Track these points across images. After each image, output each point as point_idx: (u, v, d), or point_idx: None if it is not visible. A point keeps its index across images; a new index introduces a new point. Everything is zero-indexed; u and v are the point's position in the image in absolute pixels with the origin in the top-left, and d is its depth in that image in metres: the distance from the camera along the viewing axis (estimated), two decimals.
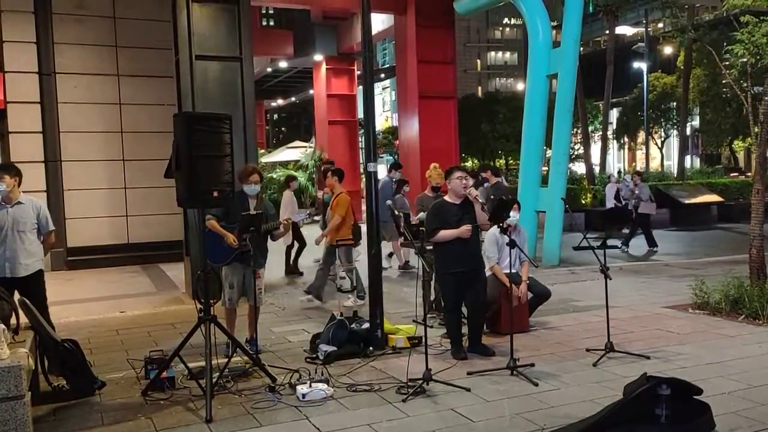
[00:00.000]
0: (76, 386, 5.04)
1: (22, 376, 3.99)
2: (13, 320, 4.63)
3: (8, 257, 5.65)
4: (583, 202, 18.95)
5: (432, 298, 7.47)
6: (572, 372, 5.44)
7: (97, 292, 9.86)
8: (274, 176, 22.95)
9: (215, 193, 5.08)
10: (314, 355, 5.98)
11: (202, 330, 5.03)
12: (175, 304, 8.44)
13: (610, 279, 5.98)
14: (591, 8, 30.08)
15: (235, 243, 5.79)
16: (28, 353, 4.36)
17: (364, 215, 6.45)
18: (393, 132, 42.64)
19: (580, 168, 28.61)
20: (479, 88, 66.05)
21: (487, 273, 6.52)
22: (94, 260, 11.95)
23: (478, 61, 76.64)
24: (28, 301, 5.00)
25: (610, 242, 6.16)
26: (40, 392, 4.92)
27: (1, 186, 5.61)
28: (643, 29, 30.72)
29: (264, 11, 26.22)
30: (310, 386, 4.97)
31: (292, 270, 11.02)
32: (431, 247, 6.12)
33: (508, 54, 77.61)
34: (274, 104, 46.15)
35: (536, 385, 5.09)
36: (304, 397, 4.87)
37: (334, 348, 5.93)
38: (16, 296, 5.19)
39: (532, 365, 5.50)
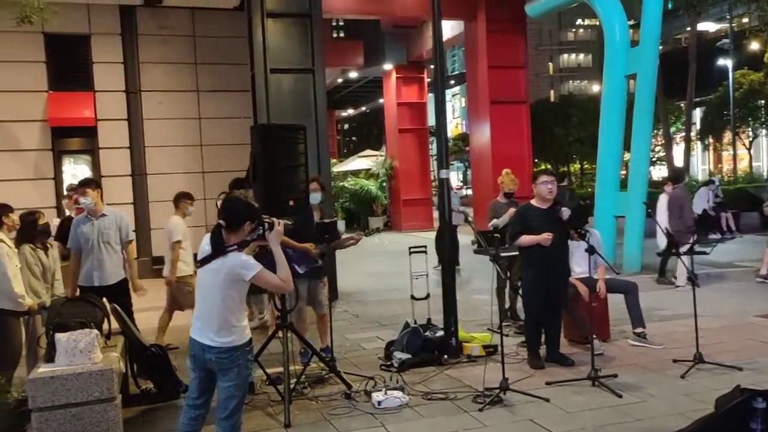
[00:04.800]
0: (163, 389, 5.25)
1: (113, 379, 4.19)
2: (105, 326, 4.87)
3: (96, 267, 5.94)
4: None
5: (507, 306, 7.36)
6: (658, 384, 5.24)
7: None
8: (346, 185, 23.22)
9: (291, 203, 5.19)
10: (389, 363, 6.00)
11: (280, 337, 5.14)
12: None
13: (698, 286, 5.72)
14: (670, 5, 28.97)
15: (314, 250, 5.73)
16: (119, 357, 4.58)
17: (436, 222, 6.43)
18: (463, 139, 42.39)
19: (659, 172, 27.59)
20: (552, 92, 64.81)
21: None
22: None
23: (550, 64, 75.21)
24: (119, 308, 5.25)
25: (697, 248, 5.90)
26: (130, 395, 5.15)
27: (86, 200, 5.92)
28: (728, 25, 29.36)
29: (334, 23, 26.62)
30: (386, 393, 4.99)
31: None
32: (507, 254, 6.03)
33: (581, 56, 75.80)
34: (344, 114, 46.80)
35: (620, 396, 4.92)
36: (379, 405, 4.89)
37: (409, 356, 5.93)
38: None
39: (615, 376, 5.33)
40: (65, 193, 8.10)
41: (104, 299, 5.48)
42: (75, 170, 12.55)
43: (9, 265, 5.08)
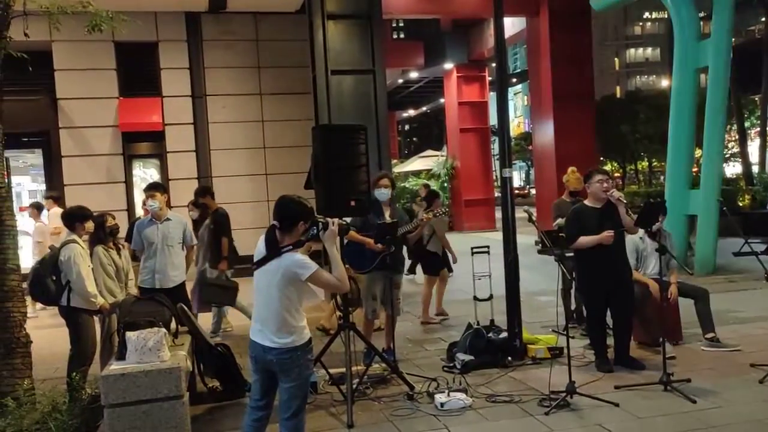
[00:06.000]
0: (229, 388, 5.34)
1: (181, 377, 4.28)
2: (172, 325, 4.99)
3: (158, 270, 6.11)
4: (741, 204, 17.42)
5: (573, 307, 7.18)
6: (735, 389, 4.99)
7: (245, 299, 10.39)
8: (407, 186, 23.20)
9: (352, 203, 5.20)
10: (451, 364, 5.94)
11: (342, 337, 5.15)
12: (315, 312, 8.71)
13: None
14: None
15: (380, 247, 5.71)
16: (186, 356, 4.68)
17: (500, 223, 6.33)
18: (525, 138, 41.73)
19: (733, 168, 26.43)
20: (618, 88, 63.05)
21: None
22: (242, 269, 12.65)
23: (616, 59, 73.18)
24: (186, 308, 5.39)
25: None
26: (197, 393, 5.27)
27: (154, 203, 6.11)
28: None
29: (394, 24, 26.68)
30: (449, 395, 4.93)
31: None
32: (571, 254, 5.88)
33: (649, 50, 73.45)
34: (405, 115, 46.83)
35: (694, 402, 4.71)
36: (442, 406, 4.84)
37: (472, 357, 5.86)
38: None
39: (689, 380, 5.10)
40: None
41: None
42: (144, 174, 13.00)
43: (82, 266, 5.28)
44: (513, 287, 6.15)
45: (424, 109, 43.81)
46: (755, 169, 22.78)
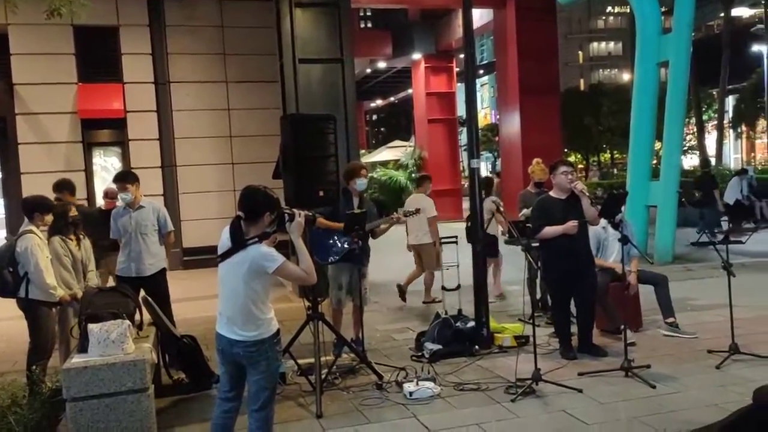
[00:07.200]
0: (195, 380, 5.28)
1: (146, 370, 4.22)
2: (137, 317, 4.91)
3: (133, 258, 6.00)
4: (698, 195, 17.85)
5: (538, 296, 7.29)
6: (693, 374, 5.14)
7: (211, 290, 10.22)
8: (375, 176, 23.20)
9: (321, 193, 5.18)
10: (420, 354, 5.98)
11: (311, 327, 5.14)
12: (282, 303, 8.67)
13: (734, 276, 5.58)
14: None
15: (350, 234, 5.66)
16: (151, 348, 4.61)
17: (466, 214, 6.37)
18: (492, 129, 42.05)
19: (690, 161, 27.08)
20: (581, 81, 63.89)
21: None
22: (208, 260, 12.49)
23: (580, 52, 74.10)
24: (150, 299, 5.30)
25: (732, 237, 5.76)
26: (162, 385, 5.19)
27: (127, 195, 5.99)
28: (762, 10, 28.61)
29: (362, 13, 26.56)
30: (417, 384, 4.97)
31: None
32: (537, 244, 5.96)
33: (612, 44, 74.56)
34: (373, 105, 46.78)
35: (654, 387, 4.85)
36: (411, 395, 4.88)
37: (440, 346, 5.90)
38: (139, 294, 5.48)
39: (648, 367, 5.24)
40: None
41: (141, 290, 5.57)
42: (105, 162, 12.72)
43: (40, 257, 5.14)
44: (480, 277, 6.21)
45: (392, 99, 43.83)
46: (712, 161, 23.41)
